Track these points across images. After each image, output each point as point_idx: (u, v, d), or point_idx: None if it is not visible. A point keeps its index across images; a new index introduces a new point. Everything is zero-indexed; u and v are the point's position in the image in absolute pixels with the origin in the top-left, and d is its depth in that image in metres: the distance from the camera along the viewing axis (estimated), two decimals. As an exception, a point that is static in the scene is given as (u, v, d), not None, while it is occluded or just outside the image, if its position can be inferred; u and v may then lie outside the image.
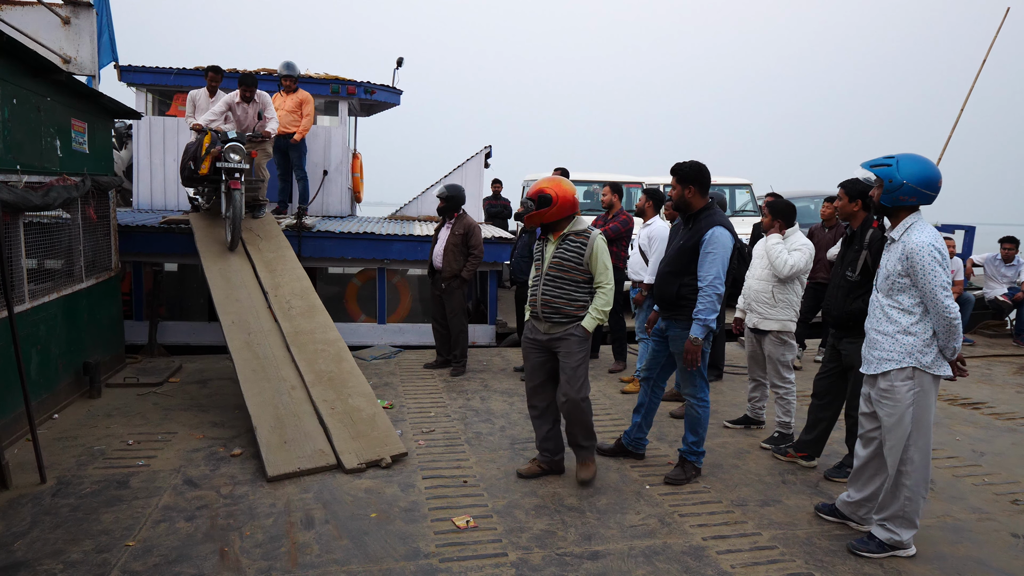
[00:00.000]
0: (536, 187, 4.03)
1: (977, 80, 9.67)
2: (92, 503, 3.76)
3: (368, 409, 4.84)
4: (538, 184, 4.05)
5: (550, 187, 3.97)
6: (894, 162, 3.25)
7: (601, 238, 3.99)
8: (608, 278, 3.98)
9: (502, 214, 12.23)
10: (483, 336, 8.21)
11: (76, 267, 5.62)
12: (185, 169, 6.90)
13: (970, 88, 9.84)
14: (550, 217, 4.00)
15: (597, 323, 4.01)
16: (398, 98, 10.25)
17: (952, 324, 3.16)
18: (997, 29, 9.86)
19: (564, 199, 3.97)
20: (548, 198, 3.95)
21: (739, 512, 3.88)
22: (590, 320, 3.99)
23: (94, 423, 5.01)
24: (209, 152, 6.49)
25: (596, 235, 3.99)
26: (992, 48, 9.68)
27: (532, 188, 4.05)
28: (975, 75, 9.70)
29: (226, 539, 3.42)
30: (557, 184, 3.99)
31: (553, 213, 3.98)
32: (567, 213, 4.01)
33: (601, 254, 3.96)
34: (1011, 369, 7.56)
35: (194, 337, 7.70)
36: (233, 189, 6.28)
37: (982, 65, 9.83)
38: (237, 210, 6.26)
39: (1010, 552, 3.52)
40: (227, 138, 6.48)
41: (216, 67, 7.77)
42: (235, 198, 6.26)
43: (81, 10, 6.48)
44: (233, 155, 6.36)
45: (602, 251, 3.97)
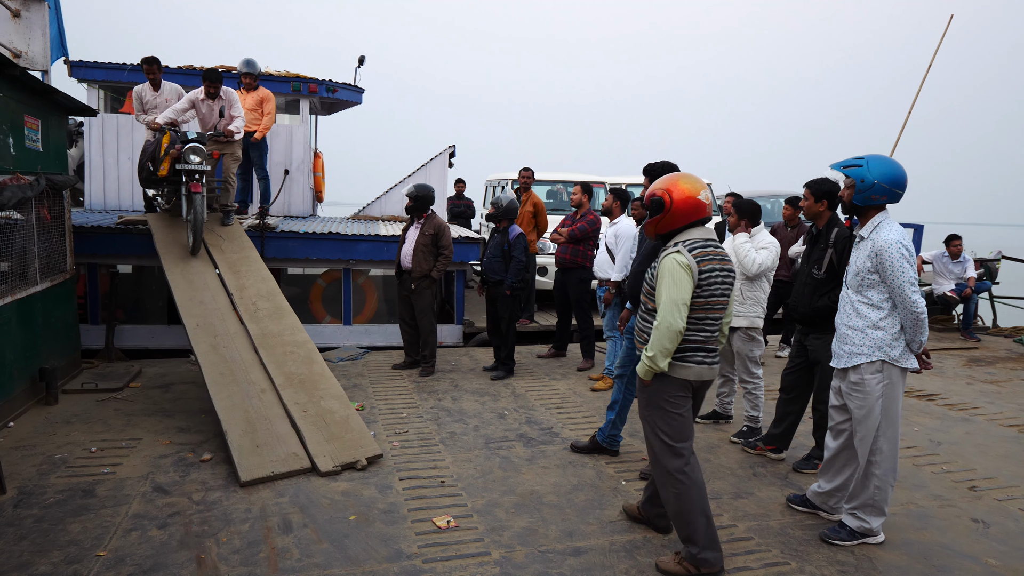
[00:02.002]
0: (652, 188, 3.30)
1: (924, 83, 10.02)
2: (57, 513, 3.63)
3: (341, 411, 4.79)
4: (653, 185, 3.31)
5: (664, 188, 3.21)
6: (864, 163, 3.36)
7: (671, 259, 3.09)
8: (663, 314, 3.06)
9: (465, 214, 12.22)
10: (450, 336, 8.19)
11: (30, 269, 5.41)
12: (143, 170, 6.63)
13: (917, 91, 10.20)
14: (665, 227, 3.22)
15: (649, 370, 3.17)
16: (360, 96, 10.15)
17: (919, 318, 3.28)
18: (942, 34, 10.22)
19: (682, 204, 3.15)
20: (659, 202, 3.18)
21: (714, 505, 3.94)
22: (641, 365, 3.20)
23: (53, 431, 4.84)
24: (168, 153, 6.21)
25: (667, 253, 3.14)
26: (938, 52, 10.04)
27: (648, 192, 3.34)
28: (922, 79, 10.06)
29: (202, 546, 3.35)
30: (673, 184, 3.20)
31: (667, 222, 3.20)
32: (685, 221, 3.17)
33: (665, 277, 3.09)
34: (960, 361, 7.86)
35: (153, 341, 7.49)
36: (194, 193, 6.03)
37: (928, 69, 10.20)
38: (198, 214, 6.02)
39: (972, 536, 3.66)
40: (187, 138, 6.21)
41: (151, 57, 7.38)
42: (196, 202, 6.02)
43: (32, 3, 6.25)
44: (193, 156, 6.10)
45: (666, 273, 3.09)
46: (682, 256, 3.08)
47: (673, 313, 3.04)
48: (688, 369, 3.16)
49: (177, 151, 6.13)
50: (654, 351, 3.09)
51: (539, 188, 10.76)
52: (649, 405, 3.27)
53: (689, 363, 3.16)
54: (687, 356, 3.15)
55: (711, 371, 3.22)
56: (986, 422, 5.63)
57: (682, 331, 3.06)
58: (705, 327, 3.15)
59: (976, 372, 7.38)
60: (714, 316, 3.16)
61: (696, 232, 3.18)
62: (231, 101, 7.09)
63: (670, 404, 3.20)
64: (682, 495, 3.18)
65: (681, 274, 3.05)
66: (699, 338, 3.15)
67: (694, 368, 3.16)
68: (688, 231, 3.19)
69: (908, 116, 10.11)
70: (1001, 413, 5.88)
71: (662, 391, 3.21)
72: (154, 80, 7.42)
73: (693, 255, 3.08)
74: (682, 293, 3.04)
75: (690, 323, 3.11)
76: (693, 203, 3.15)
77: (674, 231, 3.21)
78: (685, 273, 3.05)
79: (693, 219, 3.17)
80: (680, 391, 3.20)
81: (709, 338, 3.18)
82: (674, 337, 3.06)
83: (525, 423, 5.30)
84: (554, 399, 5.95)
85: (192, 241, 6.16)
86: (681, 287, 3.05)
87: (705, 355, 3.17)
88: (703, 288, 3.09)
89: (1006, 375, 7.28)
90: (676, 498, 3.19)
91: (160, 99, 7.46)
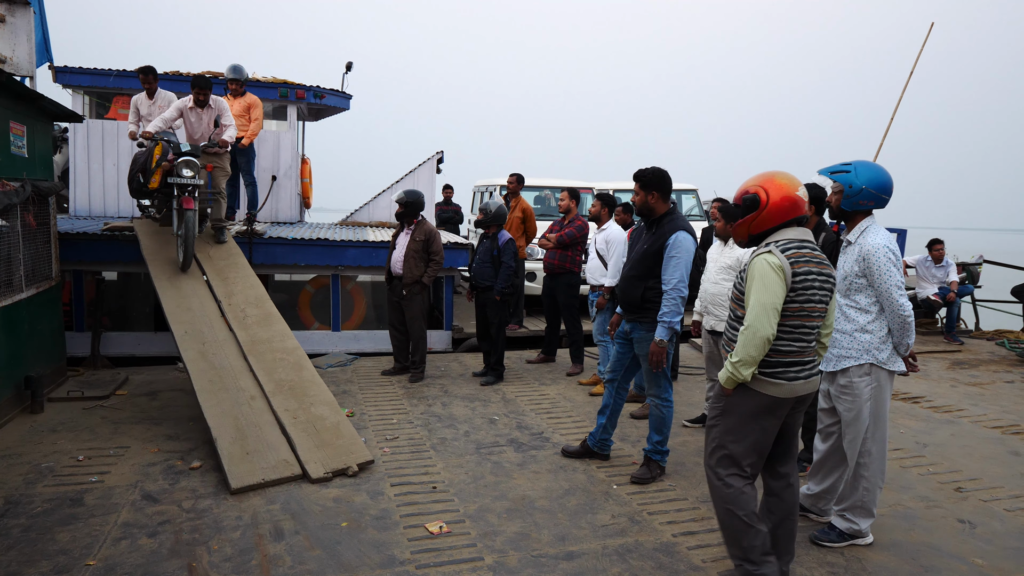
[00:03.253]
0: (742, 187, 3.04)
1: (905, 90, 10.15)
2: (45, 522, 3.60)
3: (332, 417, 4.77)
4: (746, 182, 3.05)
5: (758, 185, 2.93)
6: (852, 169, 3.41)
7: (761, 260, 2.84)
8: (751, 319, 2.80)
9: (453, 219, 12.23)
10: (439, 342, 8.18)
11: (15, 276, 5.36)
12: (133, 181, 6.37)
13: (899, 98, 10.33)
14: (758, 226, 2.94)
15: (731, 379, 2.89)
16: (348, 102, 10.14)
17: (906, 321, 3.32)
18: (923, 42, 10.38)
19: (779, 202, 2.88)
20: (754, 200, 2.92)
21: (705, 508, 3.97)
22: (723, 372, 2.94)
23: (39, 439, 4.79)
24: (160, 164, 5.97)
25: (758, 255, 2.87)
26: (919, 59, 10.18)
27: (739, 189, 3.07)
28: (904, 85, 10.19)
29: (193, 554, 3.33)
30: (769, 180, 2.93)
31: (761, 221, 2.93)
32: (780, 220, 2.91)
33: (754, 279, 2.84)
34: (944, 364, 7.96)
35: (139, 348, 7.43)
36: (186, 209, 5.80)
37: (910, 76, 10.34)
38: (190, 230, 5.82)
39: (958, 537, 3.71)
40: (180, 150, 5.97)
41: (147, 67, 7.27)
42: (188, 217, 5.80)
43: (17, 8, 6.19)
44: (186, 170, 5.86)
45: (756, 275, 2.84)
46: (774, 257, 2.81)
47: (761, 318, 2.77)
48: (778, 386, 2.86)
49: (169, 163, 5.92)
50: (739, 357, 2.83)
51: (527, 193, 10.79)
52: (724, 413, 2.99)
53: (780, 379, 2.86)
54: (778, 371, 2.86)
55: (807, 385, 2.90)
56: (970, 424, 5.70)
57: (771, 339, 2.79)
58: (800, 337, 2.86)
59: (960, 375, 7.47)
60: (811, 325, 2.87)
61: (791, 232, 2.91)
62: (222, 110, 6.86)
63: (749, 419, 2.90)
64: (736, 508, 2.93)
65: (772, 277, 2.79)
66: (792, 349, 2.86)
67: (785, 385, 2.85)
68: (783, 231, 2.92)
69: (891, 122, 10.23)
70: (985, 415, 5.96)
71: (742, 404, 2.92)
72: (149, 90, 7.29)
73: (787, 256, 2.81)
74: (772, 297, 2.78)
75: (782, 332, 2.84)
76: (790, 200, 2.89)
77: (767, 231, 2.94)
78: (777, 276, 2.79)
79: (789, 218, 2.90)
80: (765, 408, 2.89)
81: (805, 349, 2.89)
82: (761, 345, 2.78)
83: (516, 428, 5.30)
84: (544, 404, 5.96)
85: (183, 257, 5.96)
86: (771, 291, 2.78)
87: (800, 368, 2.88)
88: (798, 293, 2.82)
89: (989, 377, 7.38)
90: (729, 513, 2.95)
91: (154, 108, 7.29)
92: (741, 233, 3.02)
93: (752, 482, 2.98)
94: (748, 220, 2.95)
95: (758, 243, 2.98)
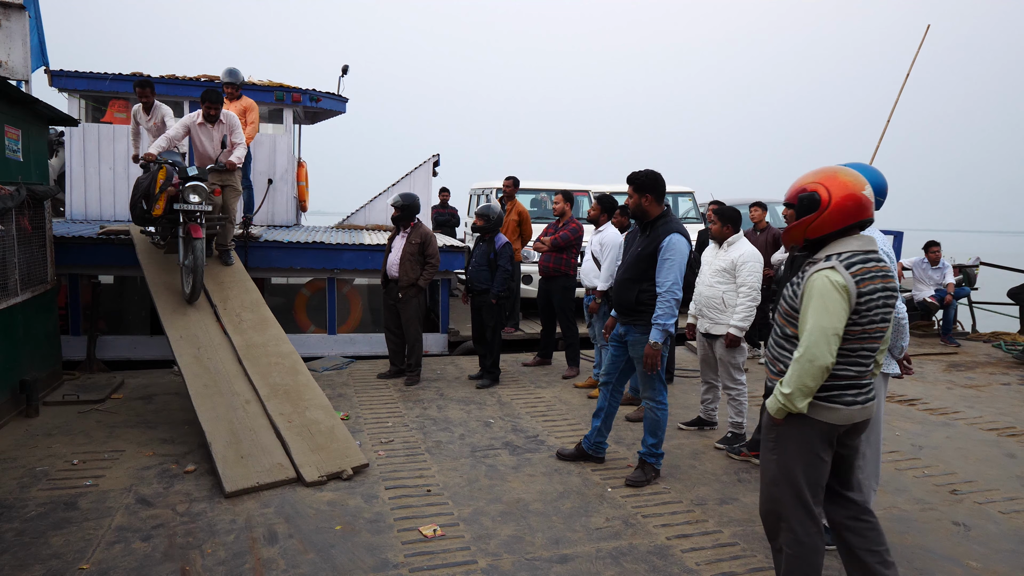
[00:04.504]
0: (798, 183, 2.71)
1: (902, 93, 10.17)
2: (39, 526, 3.59)
3: (326, 421, 4.77)
4: (802, 179, 2.72)
5: (817, 182, 2.63)
6: (844, 171, 3.40)
7: (822, 277, 2.52)
8: (807, 345, 2.51)
9: (450, 223, 12.24)
10: (435, 345, 8.18)
11: (11, 280, 5.35)
12: (136, 208, 5.94)
13: (895, 101, 10.35)
14: (817, 231, 2.63)
15: (782, 409, 2.62)
16: (344, 106, 10.15)
17: (900, 324, 3.33)
18: (919, 44, 10.40)
19: (843, 202, 2.57)
20: (813, 200, 2.61)
21: (699, 511, 3.97)
22: (772, 400, 2.66)
23: (34, 443, 4.79)
24: (164, 190, 5.54)
25: (819, 269, 2.56)
26: (915, 62, 10.21)
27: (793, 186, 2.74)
28: (900, 88, 10.22)
29: (187, 558, 3.32)
30: (831, 177, 2.62)
31: (821, 224, 2.61)
32: (843, 224, 2.59)
33: (813, 299, 2.53)
34: (940, 367, 7.97)
35: (135, 352, 7.43)
36: (194, 238, 5.41)
37: (906, 78, 10.36)
38: (199, 261, 5.40)
39: (953, 539, 3.71)
40: (186, 174, 5.55)
41: (144, 80, 6.90)
42: (196, 247, 5.39)
43: (12, 12, 6.19)
44: (193, 196, 5.49)
45: (815, 295, 2.52)
46: (838, 275, 2.50)
47: (820, 346, 2.47)
48: (834, 411, 2.60)
49: (175, 188, 5.53)
50: (791, 388, 2.54)
51: (523, 197, 10.80)
52: (778, 447, 2.70)
53: (836, 404, 2.60)
54: (834, 395, 2.60)
55: (864, 411, 2.64)
56: (966, 426, 5.70)
57: (830, 368, 2.51)
58: (859, 360, 2.60)
59: (956, 377, 7.48)
60: (871, 348, 2.60)
61: (855, 242, 2.59)
62: (232, 126, 6.34)
63: (806, 448, 2.65)
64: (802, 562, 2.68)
65: (835, 298, 2.48)
66: (850, 374, 2.60)
67: (842, 410, 2.60)
68: (845, 239, 2.60)
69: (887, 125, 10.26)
70: (981, 417, 5.96)
71: (796, 434, 2.66)
72: (146, 103, 6.92)
73: (852, 273, 2.51)
74: (834, 322, 2.48)
75: (840, 356, 2.56)
76: (856, 201, 2.56)
77: (826, 237, 2.62)
78: (840, 296, 2.49)
79: (852, 221, 2.58)
80: (821, 435, 2.63)
81: (863, 372, 2.63)
82: (819, 375, 2.51)
83: (511, 431, 5.30)
84: (540, 407, 5.96)
85: (190, 289, 5.58)
86: (834, 314, 2.48)
87: (857, 392, 2.62)
88: (861, 315, 2.53)
89: (985, 380, 7.38)
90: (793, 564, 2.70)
91: (150, 124, 6.94)
92: (795, 237, 2.70)
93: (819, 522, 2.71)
94: (805, 223, 2.62)
95: (814, 250, 2.69)
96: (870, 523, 2.79)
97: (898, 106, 10.04)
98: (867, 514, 2.81)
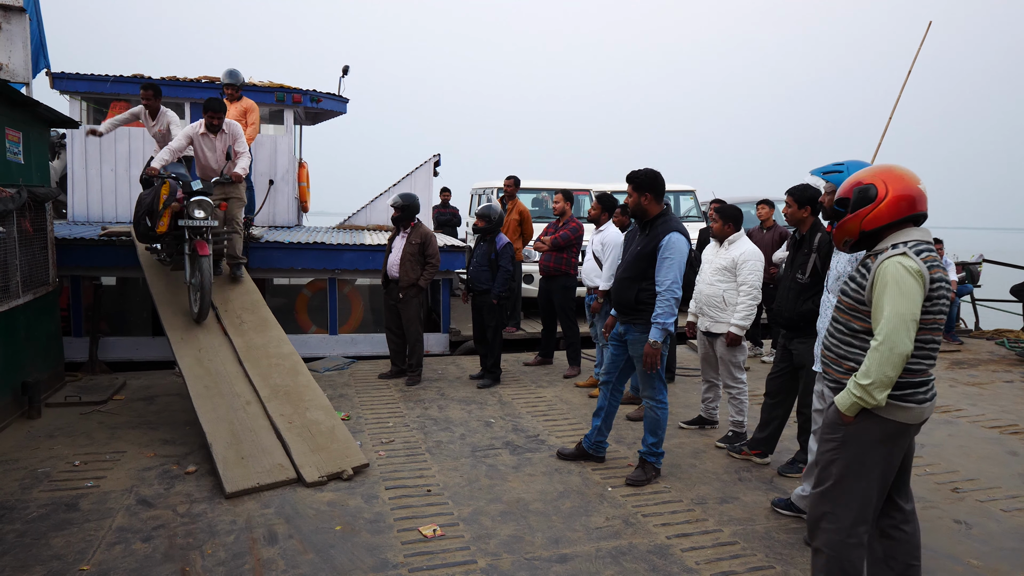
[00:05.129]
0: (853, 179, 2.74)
1: (904, 89, 10.14)
2: (40, 527, 3.60)
3: (327, 422, 4.77)
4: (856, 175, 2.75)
5: (874, 176, 2.67)
6: (844, 168, 3.40)
7: (895, 263, 2.51)
8: (886, 332, 2.47)
9: (451, 222, 12.24)
10: (437, 345, 8.19)
11: (12, 282, 5.37)
12: (139, 225, 5.74)
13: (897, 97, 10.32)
14: (872, 222, 2.64)
15: (855, 404, 2.57)
16: (344, 106, 10.15)
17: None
18: (921, 40, 10.37)
19: (899, 195, 2.60)
20: (869, 193, 2.64)
21: (699, 510, 3.97)
22: (845, 396, 2.60)
23: (36, 444, 4.80)
24: (168, 205, 5.36)
25: (890, 255, 2.54)
26: (917, 58, 10.18)
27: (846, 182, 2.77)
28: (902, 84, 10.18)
29: (187, 559, 3.33)
30: (887, 172, 2.66)
31: (876, 216, 2.62)
32: (898, 216, 2.61)
33: (889, 286, 2.50)
34: (943, 364, 7.94)
35: (137, 353, 7.44)
36: (200, 255, 5.23)
37: (908, 75, 10.33)
38: (206, 278, 5.23)
39: (954, 537, 3.70)
40: (190, 188, 5.43)
41: (150, 83, 6.65)
42: (202, 265, 5.22)
43: (12, 15, 6.21)
44: (198, 211, 5.31)
45: (890, 281, 2.50)
46: (911, 260, 2.48)
47: (900, 331, 2.44)
48: (908, 410, 2.56)
49: (179, 204, 5.37)
50: (872, 379, 2.48)
51: (524, 196, 10.79)
52: (844, 448, 2.63)
53: (910, 402, 2.55)
54: (907, 392, 2.56)
55: (931, 409, 2.63)
56: (968, 424, 5.69)
57: (909, 355, 2.48)
58: (929, 353, 2.57)
59: (959, 375, 7.46)
60: (937, 339, 2.59)
61: (916, 233, 2.60)
62: (235, 135, 6.16)
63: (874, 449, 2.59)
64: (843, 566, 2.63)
65: (911, 283, 2.46)
66: (922, 368, 2.56)
67: (915, 409, 2.57)
68: (906, 230, 2.60)
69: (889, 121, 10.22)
70: (983, 415, 5.95)
71: (866, 434, 2.59)
72: (151, 108, 6.65)
73: (922, 259, 2.50)
74: (911, 307, 2.45)
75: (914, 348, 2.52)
76: (911, 195, 2.58)
77: (880, 229, 2.63)
78: (916, 282, 2.47)
79: (908, 214, 2.59)
80: (891, 435, 2.58)
81: (932, 367, 2.60)
82: (900, 363, 2.46)
83: (511, 431, 5.30)
84: (540, 406, 5.96)
85: (198, 308, 5.40)
86: (911, 299, 2.45)
87: (927, 389, 2.59)
88: (932, 303, 2.51)
89: (988, 377, 7.36)
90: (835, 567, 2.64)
91: (154, 130, 6.74)
92: (851, 230, 2.68)
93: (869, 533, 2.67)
94: (861, 215, 2.62)
95: (869, 245, 2.69)
96: (908, 534, 2.75)
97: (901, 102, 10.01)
98: (909, 524, 2.76)
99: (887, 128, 9.93)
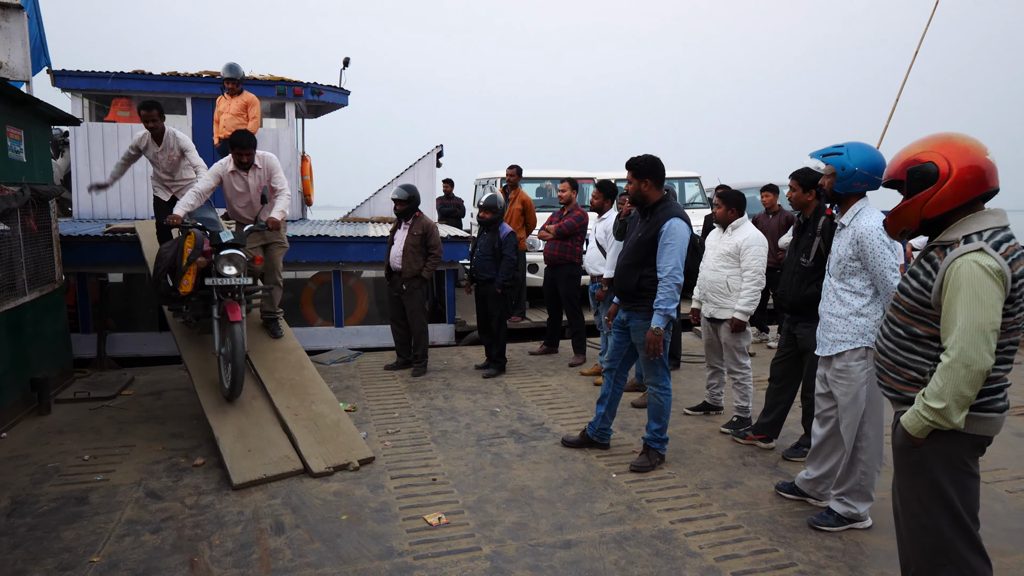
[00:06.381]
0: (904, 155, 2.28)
1: (910, 71, 10.05)
2: (51, 521, 3.64)
3: (332, 415, 4.80)
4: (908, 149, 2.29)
5: (933, 150, 2.21)
6: (844, 151, 3.38)
7: (970, 263, 2.10)
8: (961, 347, 2.09)
9: (455, 213, 12.24)
10: (442, 335, 8.21)
11: (18, 280, 5.41)
12: (159, 283, 5.00)
13: (904, 79, 10.23)
14: (935, 208, 2.20)
15: (929, 427, 2.20)
16: (346, 99, 10.15)
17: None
18: (928, 20, 10.26)
19: (966, 171, 2.16)
20: (930, 171, 2.20)
21: (704, 495, 3.98)
22: (914, 418, 2.22)
23: (46, 440, 4.85)
24: (193, 261, 4.61)
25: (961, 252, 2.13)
26: (924, 38, 10.08)
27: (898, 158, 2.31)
28: (908, 67, 10.09)
29: (195, 549, 3.36)
30: (947, 144, 2.21)
31: (941, 200, 2.19)
32: (967, 198, 2.18)
33: (962, 290, 2.10)
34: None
35: (145, 348, 7.50)
36: (232, 321, 4.42)
37: (914, 56, 10.24)
38: (239, 348, 4.42)
39: (959, 519, 3.70)
40: (219, 239, 4.61)
41: (150, 102, 5.68)
42: (235, 333, 4.41)
43: (11, 13, 6.22)
44: (229, 268, 4.55)
45: (964, 284, 2.10)
46: (989, 258, 2.08)
47: (979, 346, 2.06)
48: (988, 421, 2.22)
49: (206, 261, 4.61)
50: (947, 402, 2.11)
51: (528, 185, 10.78)
52: (921, 472, 2.28)
53: (990, 411, 2.21)
54: (985, 403, 2.20)
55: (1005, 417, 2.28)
56: (974, 406, 5.67)
57: (990, 371, 2.11)
58: (1006, 358, 2.20)
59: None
60: (1016, 340, 2.20)
61: (991, 218, 2.17)
62: (272, 169, 5.35)
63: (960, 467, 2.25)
64: None
65: (989, 286, 2.07)
66: (999, 374, 2.20)
67: (995, 419, 2.23)
68: (978, 215, 2.18)
69: (895, 104, 10.14)
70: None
71: (944, 453, 2.24)
72: (155, 131, 5.75)
73: (1002, 254, 2.10)
74: (991, 315, 2.06)
75: None
76: (979, 170, 2.14)
77: (945, 215, 2.20)
78: (995, 284, 2.07)
79: (977, 193, 2.16)
80: (972, 450, 2.26)
81: (1009, 371, 2.24)
82: (978, 381, 2.10)
83: (516, 419, 5.32)
84: (545, 395, 5.98)
85: (230, 385, 4.61)
86: (990, 307, 2.06)
87: (1005, 395, 2.24)
88: (1015, 303, 2.13)
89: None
90: None
91: (163, 156, 5.86)
92: (909, 218, 2.26)
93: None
94: (921, 199, 2.19)
95: (932, 233, 2.26)
96: None
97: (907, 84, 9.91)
98: None
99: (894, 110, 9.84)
